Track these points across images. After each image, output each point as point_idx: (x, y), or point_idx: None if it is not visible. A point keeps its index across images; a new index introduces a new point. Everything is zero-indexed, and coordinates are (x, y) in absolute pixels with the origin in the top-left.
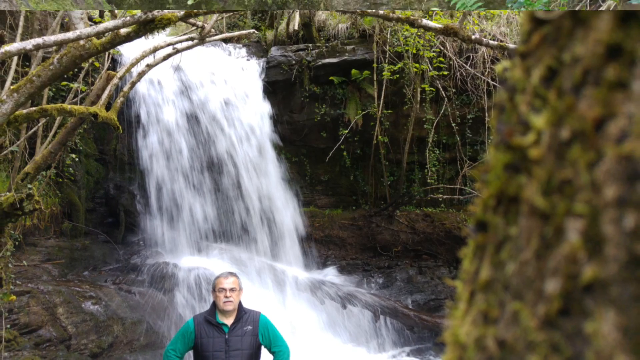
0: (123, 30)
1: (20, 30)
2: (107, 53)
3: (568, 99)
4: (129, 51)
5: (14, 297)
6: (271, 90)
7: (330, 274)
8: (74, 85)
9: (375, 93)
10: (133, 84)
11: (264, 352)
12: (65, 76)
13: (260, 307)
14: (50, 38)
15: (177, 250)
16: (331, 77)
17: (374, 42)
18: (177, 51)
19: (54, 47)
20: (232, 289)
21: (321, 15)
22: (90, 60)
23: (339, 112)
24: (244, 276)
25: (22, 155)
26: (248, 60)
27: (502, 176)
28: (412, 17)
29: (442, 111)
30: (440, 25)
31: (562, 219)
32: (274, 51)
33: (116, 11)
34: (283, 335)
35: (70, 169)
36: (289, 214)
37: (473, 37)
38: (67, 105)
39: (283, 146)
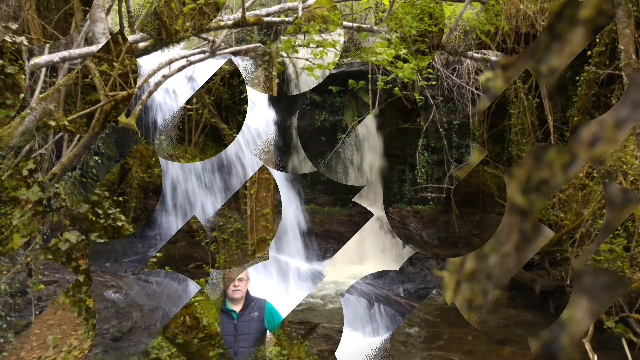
0: (141, 44)
1: (47, 44)
2: None
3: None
4: (146, 63)
5: (42, 286)
6: (276, 98)
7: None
8: None
9: (370, 101)
10: (150, 92)
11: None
12: None
13: (265, 296)
14: (75, 51)
15: None
16: (330, 87)
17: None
18: (190, 63)
19: (79, 59)
20: (240, 279)
21: None
22: None
23: (337, 118)
24: (250, 267)
25: (49, 158)
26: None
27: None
28: None
29: (430, 117)
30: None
31: (540, 215)
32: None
33: (135, 27)
34: None
35: (94, 170)
36: (291, 211)
37: (459, 50)
38: None
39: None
